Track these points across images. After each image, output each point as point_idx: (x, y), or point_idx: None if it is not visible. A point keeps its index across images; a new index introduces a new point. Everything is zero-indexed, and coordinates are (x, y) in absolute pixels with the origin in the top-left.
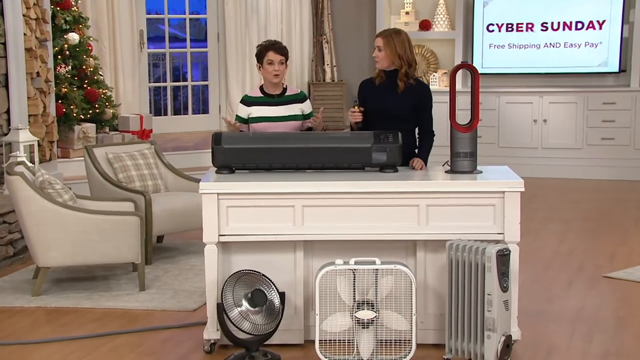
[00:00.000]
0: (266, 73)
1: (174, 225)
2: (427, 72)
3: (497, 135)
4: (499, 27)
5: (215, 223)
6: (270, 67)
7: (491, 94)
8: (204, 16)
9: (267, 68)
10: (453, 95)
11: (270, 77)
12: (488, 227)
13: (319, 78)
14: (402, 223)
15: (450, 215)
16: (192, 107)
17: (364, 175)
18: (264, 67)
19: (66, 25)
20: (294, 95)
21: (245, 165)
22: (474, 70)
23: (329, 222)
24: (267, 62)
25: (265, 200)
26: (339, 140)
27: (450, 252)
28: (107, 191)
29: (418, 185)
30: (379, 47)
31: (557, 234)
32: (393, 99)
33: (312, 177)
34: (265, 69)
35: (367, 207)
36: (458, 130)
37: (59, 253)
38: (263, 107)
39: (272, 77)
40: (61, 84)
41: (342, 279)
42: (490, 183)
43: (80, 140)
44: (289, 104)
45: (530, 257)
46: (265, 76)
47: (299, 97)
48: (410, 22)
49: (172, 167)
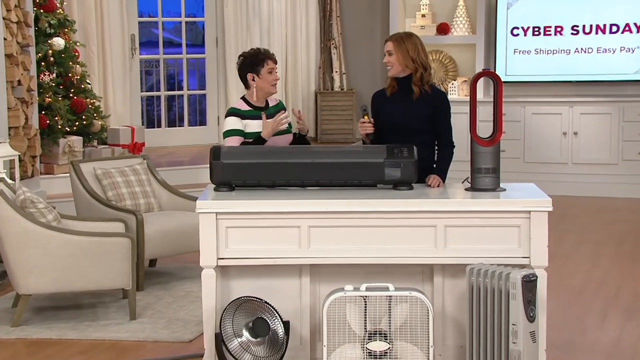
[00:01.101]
0: (265, 83)
1: (168, 247)
2: (445, 80)
3: (523, 150)
4: (525, 30)
5: (213, 245)
6: (271, 76)
7: (516, 104)
8: (201, 19)
9: (267, 77)
10: (474, 105)
11: (270, 86)
12: (512, 250)
13: (326, 87)
14: (417, 245)
15: (470, 237)
16: (188, 119)
17: (376, 193)
18: (263, 76)
19: (50, 29)
20: (276, 106)
21: (246, 182)
22: (496, 78)
23: (338, 244)
24: (268, 71)
25: (268, 220)
26: (349, 155)
27: (470, 277)
28: (95, 210)
29: (435, 204)
30: (389, 52)
31: (589, 258)
32: (407, 109)
33: (319, 195)
34: (264, 78)
35: (379, 227)
36: (479, 144)
37: (42, 279)
38: (256, 121)
39: (272, 87)
40: (45, 93)
41: (352, 307)
42: (515, 202)
43: (66, 155)
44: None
45: (559, 284)
46: (262, 86)
47: (281, 108)
48: (427, 25)
49: (166, 184)
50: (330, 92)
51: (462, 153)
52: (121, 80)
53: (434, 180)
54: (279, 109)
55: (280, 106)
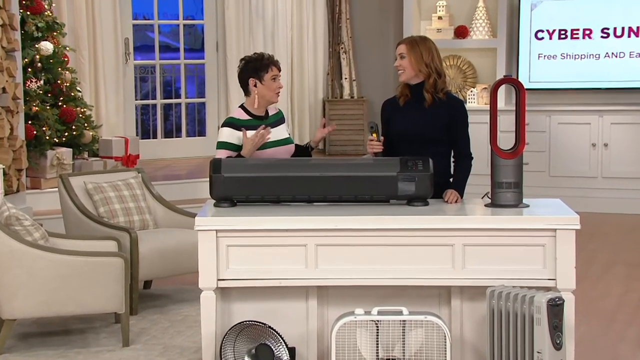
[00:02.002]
0: (267, 90)
1: (164, 268)
2: (463, 88)
3: (548, 163)
4: (550, 33)
5: (213, 265)
6: (274, 84)
7: (540, 113)
8: (200, 22)
9: (270, 85)
10: (494, 114)
11: (273, 94)
12: (537, 272)
13: (335, 94)
14: (434, 266)
15: (491, 256)
16: (186, 129)
17: (389, 209)
18: (266, 83)
19: (38, 33)
20: (276, 115)
21: (249, 197)
22: (519, 86)
23: (348, 265)
24: (272, 78)
25: (272, 238)
26: (359, 168)
27: (491, 300)
28: (86, 228)
29: (453, 221)
30: (402, 55)
31: (621, 281)
32: (421, 118)
33: (327, 211)
34: (267, 86)
35: (392, 246)
36: (500, 157)
37: (27, 302)
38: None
39: (275, 96)
40: (32, 101)
41: (363, 332)
42: (539, 219)
43: (54, 168)
44: (277, 125)
45: (589, 309)
46: (264, 94)
47: (281, 116)
48: (444, 28)
49: (162, 200)
50: (339, 100)
51: (481, 166)
52: (114, 87)
53: (452, 195)
54: (279, 118)
55: (280, 115)
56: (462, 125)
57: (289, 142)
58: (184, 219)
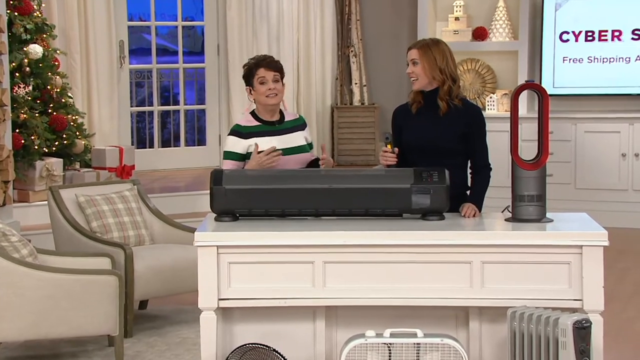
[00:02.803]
0: (259, 95)
1: (161, 286)
2: (482, 93)
3: (574, 174)
4: (576, 35)
5: (214, 284)
6: (262, 87)
7: (565, 120)
8: (200, 23)
9: (259, 89)
10: (515, 122)
11: (264, 98)
12: (562, 292)
13: (344, 101)
14: (450, 285)
15: (512, 275)
16: (184, 138)
17: (402, 223)
18: (256, 88)
19: (26, 35)
20: (295, 120)
21: (252, 211)
22: (542, 91)
23: (358, 283)
24: (259, 82)
25: (277, 254)
26: (371, 180)
27: (512, 322)
28: (77, 244)
29: (471, 236)
30: (414, 61)
31: None
32: (436, 127)
33: (336, 225)
34: (257, 91)
35: (406, 264)
36: (522, 168)
37: (14, 324)
38: (264, 138)
39: (267, 98)
40: (19, 108)
41: (374, 356)
42: (564, 234)
43: (43, 180)
44: (293, 132)
45: (619, 332)
46: (258, 99)
47: (300, 123)
48: (461, 30)
49: (159, 214)
50: (348, 107)
51: (501, 178)
52: (108, 93)
53: (469, 209)
54: (297, 124)
55: (299, 122)
56: (480, 134)
57: (304, 151)
58: (182, 234)
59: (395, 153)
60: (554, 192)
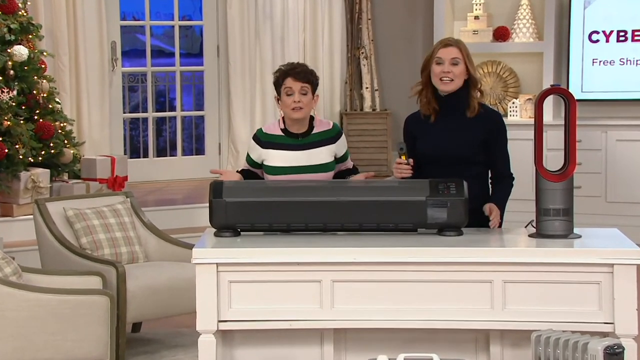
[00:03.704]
0: (284, 107)
1: (156, 308)
2: (503, 99)
3: (604, 186)
4: (607, 35)
5: (213, 305)
6: (288, 99)
7: (595, 127)
8: (198, 23)
9: (285, 100)
10: (540, 130)
11: (289, 111)
12: (591, 314)
13: (354, 106)
14: (469, 306)
15: (536, 295)
16: (181, 146)
17: (417, 239)
18: (282, 99)
19: (10, 36)
20: (324, 132)
21: (254, 226)
22: (568, 96)
23: (369, 304)
24: (285, 92)
25: (281, 273)
26: (383, 192)
27: (537, 347)
28: (65, 262)
29: (492, 253)
30: (455, 60)
31: None
32: (454, 135)
33: (345, 241)
34: (283, 102)
35: (421, 283)
36: (547, 179)
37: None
38: (282, 151)
39: (292, 112)
40: (3, 114)
41: None
42: (594, 252)
43: (29, 192)
44: (318, 147)
45: None
46: (284, 111)
47: (331, 135)
48: (481, 30)
49: (154, 228)
50: (359, 114)
51: (525, 190)
52: (98, 98)
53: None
54: (329, 136)
55: (329, 135)
56: (501, 142)
57: (327, 169)
58: (179, 251)
59: (410, 164)
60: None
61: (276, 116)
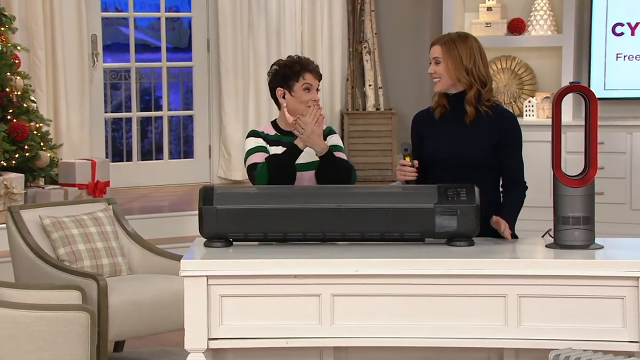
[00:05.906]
0: (298, 102)
1: (140, 324)
2: (519, 97)
3: (629, 192)
4: (632, 27)
5: (203, 321)
6: (306, 95)
7: (619, 129)
8: (187, 14)
9: (301, 96)
10: (558, 131)
11: (304, 108)
12: (614, 332)
13: (356, 105)
14: (481, 322)
15: (554, 311)
16: (168, 149)
17: (424, 250)
18: (297, 93)
19: None
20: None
21: (248, 235)
22: (589, 95)
23: (371, 320)
24: (303, 87)
25: (277, 286)
26: (387, 199)
27: None
28: (41, 275)
29: (506, 265)
30: (436, 59)
31: None
32: (463, 137)
33: (346, 252)
34: (298, 97)
35: (428, 297)
36: (566, 185)
37: None
38: (282, 148)
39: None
40: None
41: None
42: (617, 264)
43: (1, 199)
44: None
45: None
46: (294, 107)
47: (324, 134)
48: (495, 22)
49: (138, 238)
50: (361, 113)
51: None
52: (78, 97)
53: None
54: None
55: (326, 132)
56: (515, 146)
57: None
58: (166, 263)
59: (415, 167)
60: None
61: (271, 116)
